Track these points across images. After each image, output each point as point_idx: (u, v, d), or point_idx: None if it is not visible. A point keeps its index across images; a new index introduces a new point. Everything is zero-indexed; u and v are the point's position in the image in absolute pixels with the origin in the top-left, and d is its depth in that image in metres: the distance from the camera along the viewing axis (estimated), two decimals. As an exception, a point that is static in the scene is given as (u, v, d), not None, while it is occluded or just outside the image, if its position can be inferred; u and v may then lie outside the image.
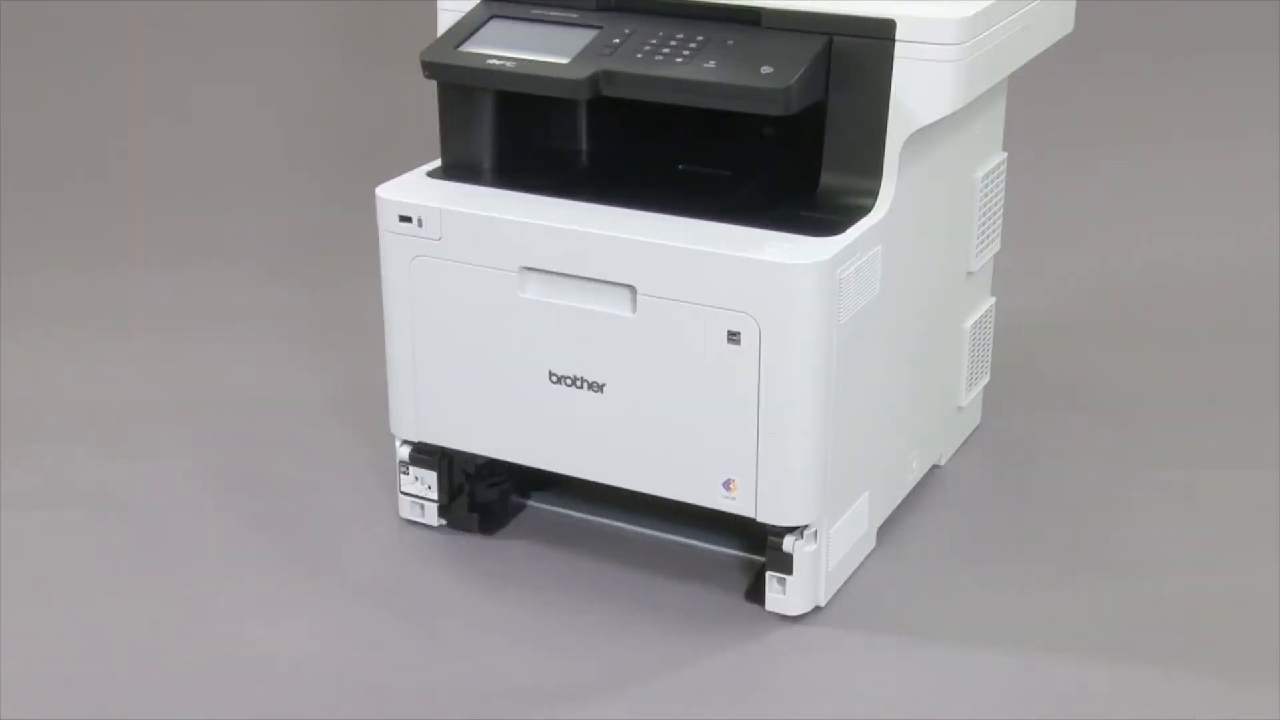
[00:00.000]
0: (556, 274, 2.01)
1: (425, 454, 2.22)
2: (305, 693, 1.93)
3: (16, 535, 2.26)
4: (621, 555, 2.21)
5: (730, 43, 1.98)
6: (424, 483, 2.24)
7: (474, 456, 2.19)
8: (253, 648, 2.02)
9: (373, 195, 2.10)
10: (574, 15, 2.07)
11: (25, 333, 2.89)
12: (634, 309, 1.97)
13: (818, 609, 2.08)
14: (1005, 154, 2.41)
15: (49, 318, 2.97)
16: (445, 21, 2.16)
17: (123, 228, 3.39)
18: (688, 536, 2.23)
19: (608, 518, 2.28)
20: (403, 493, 2.27)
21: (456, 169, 2.17)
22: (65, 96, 3.83)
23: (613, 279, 1.97)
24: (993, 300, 2.49)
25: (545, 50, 2.03)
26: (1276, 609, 2.08)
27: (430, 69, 2.09)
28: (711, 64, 1.96)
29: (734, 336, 1.92)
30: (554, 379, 2.05)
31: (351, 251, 3.08)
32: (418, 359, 2.14)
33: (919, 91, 1.94)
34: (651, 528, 2.25)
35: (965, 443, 2.51)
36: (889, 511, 2.27)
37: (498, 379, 2.09)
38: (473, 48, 2.07)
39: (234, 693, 1.93)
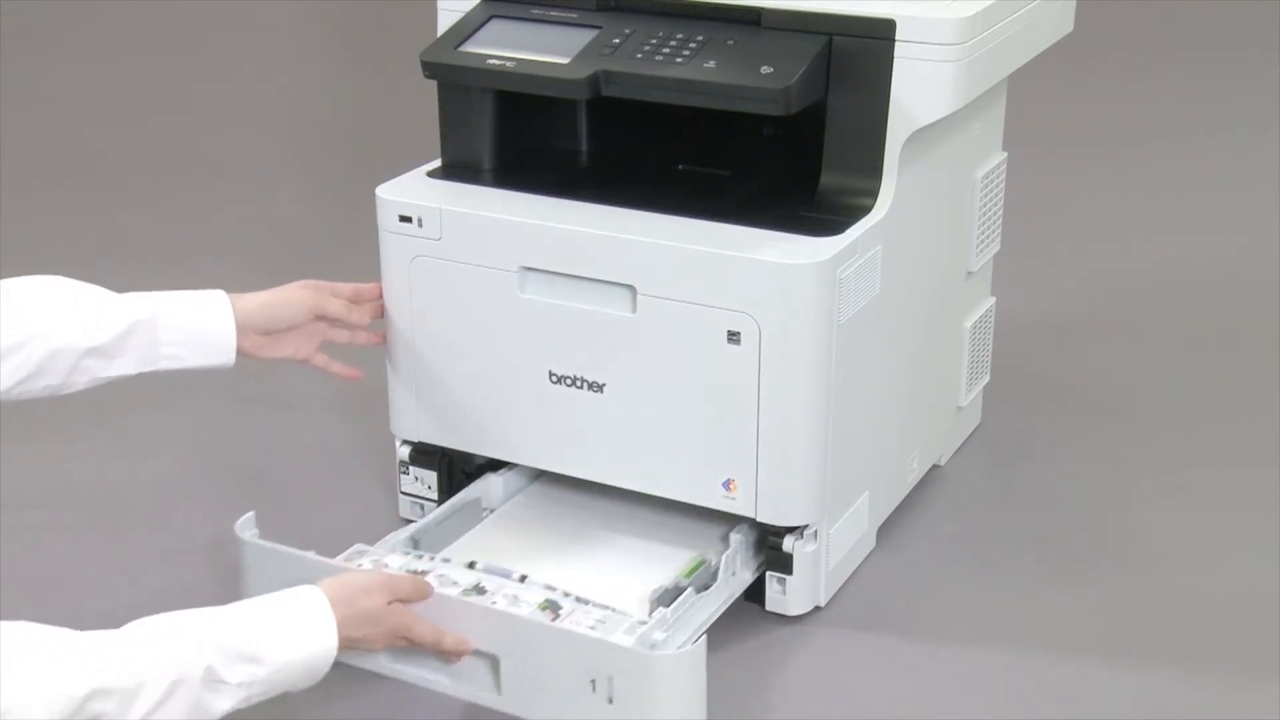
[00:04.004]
0: (556, 274, 2.01)
1: (425, 454, 2.22)
2: (305, 692, 1.93)
3: (16, 535, 2.25)
4: (621, 555, 2.21)
5: (730, 43, 1.98)
6: (424, 483, 2.23)
7: (474, 456, 2.19)
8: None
9: (373, 195, 2.10)
10: (574, 15, 2.07)
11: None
12: (634, 309, 1.97)
13: (818, 609, 2.08)
14: (1005, 154, 2.41)
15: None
16: (445, 21, 2.16)
17: (123, 227, 3.39)
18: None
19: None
20: (403, 493, 2.26)
21: (456, 169, 2.17)
22: (65, 96, 3.84)
23: (613, 279, 1.97)
24: (993, 300, 2.48)
25: (545, 50, 2.03)
26: (1276, 609, 2.08)
27: (430, 69, 2.09)
28: (711, 64, 1.96)
29: (734, 336, 1.92)
30: (554, 379, 2.05)
31: (351, 251, 3.08)
32: (418, 359, 2.14)
33: (919, 91, 1.94)
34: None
35: (965, 443, 2.51)
36: (889, 511, 2.27)
37: (498, 379, 2.09)
38: (473, 48, 2.07)
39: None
